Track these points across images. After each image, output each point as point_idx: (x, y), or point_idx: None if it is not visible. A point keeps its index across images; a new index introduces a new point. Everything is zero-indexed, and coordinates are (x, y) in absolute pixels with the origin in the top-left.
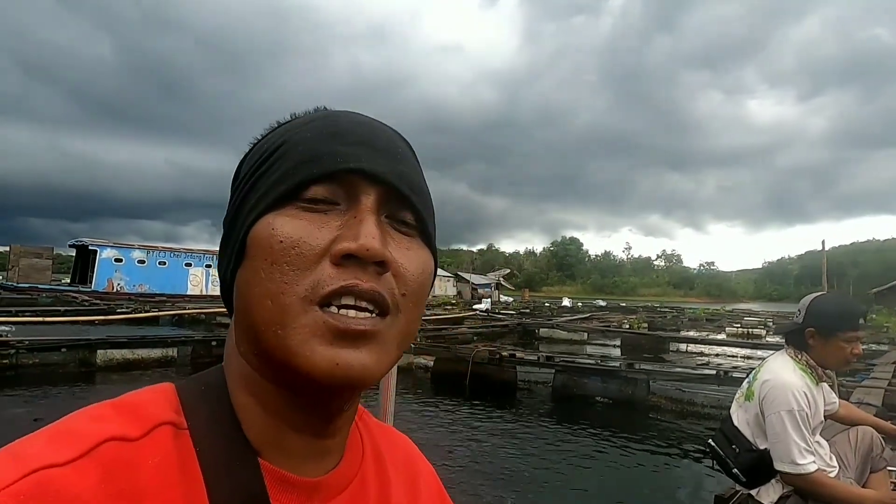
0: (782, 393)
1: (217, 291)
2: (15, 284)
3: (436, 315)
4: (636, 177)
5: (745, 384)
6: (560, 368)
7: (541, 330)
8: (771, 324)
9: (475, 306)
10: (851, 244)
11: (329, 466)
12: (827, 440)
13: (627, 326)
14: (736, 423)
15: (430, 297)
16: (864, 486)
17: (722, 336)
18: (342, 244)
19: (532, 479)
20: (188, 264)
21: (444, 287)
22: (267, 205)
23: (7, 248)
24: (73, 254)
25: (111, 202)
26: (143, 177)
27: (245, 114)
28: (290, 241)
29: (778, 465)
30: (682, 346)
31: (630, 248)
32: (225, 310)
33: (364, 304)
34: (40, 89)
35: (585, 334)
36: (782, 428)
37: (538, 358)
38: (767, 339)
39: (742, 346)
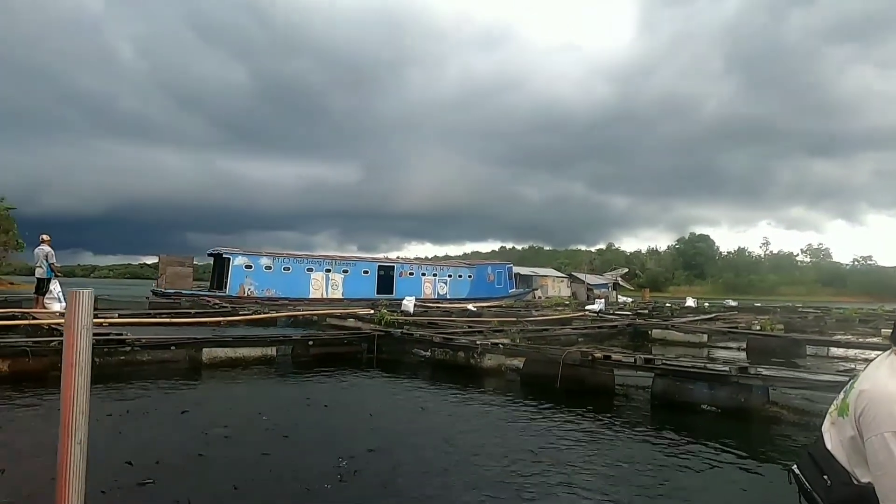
0: (886, 408)
1: (335, 295)
2: (163, 290)
3: (543, 316)
4: (774, 166)
5: (840, 394)
6: (660, 372)
7: (654, 331)
8: None
9: (587, 307)
10: None
11: None
12: None
13: (758, 328)
14: (829, 445)
15: (542, 298)
16: None
17: (877, 339)
18: None
19: (619, 493)
20: (309, 269)
21: (558, 288)
22: None
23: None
24: (212, 262)
25: (252, 215)
26: (278, 191)
27: (366, 127)
28: None
29: None
30: (823, 350)
31: (768, 242)
32: (335, 311)
33: None
34: (189, 118)
35: (705, 336)
36: (888, 455)
37: (635, 360)
38: None
39: None
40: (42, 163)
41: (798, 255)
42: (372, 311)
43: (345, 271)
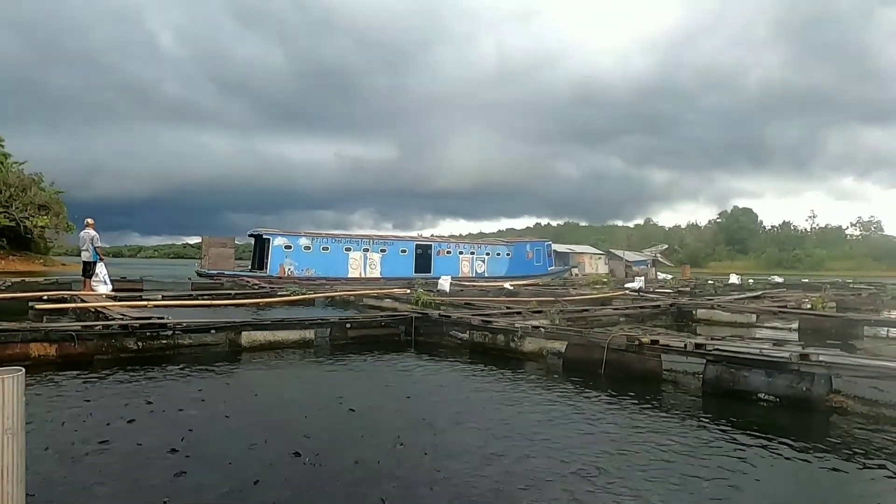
0: None
1: (373, 274)
2: (207, 271)
3: (581, 294)
4: (823, 135)
5: None
6: (713, 358)
7: (698, 311)
8: None
9: (626, 285)
10: None
11: None
12: None
13: (809, 306)
14: None
15: (580, 275)
16: None
17: None
18: None
19: (669, 487)
20: (348, 249)
21: (596, 265)
22: None
23: (200, 240)
24: (252, 242)
25: (292, 195)
26: (316, 170)
27: (401, 106)
28: None
29: None
30: (882, 332)
31: (815, 216)
32: (371, 292)
33: None
34: (230, 101)
35: (754, 316)
36: None
37: (685, 345)
38: None
39: None
40: (92, 148)
41: (847, 228)
42: (408, 291)
43: (382, 250)
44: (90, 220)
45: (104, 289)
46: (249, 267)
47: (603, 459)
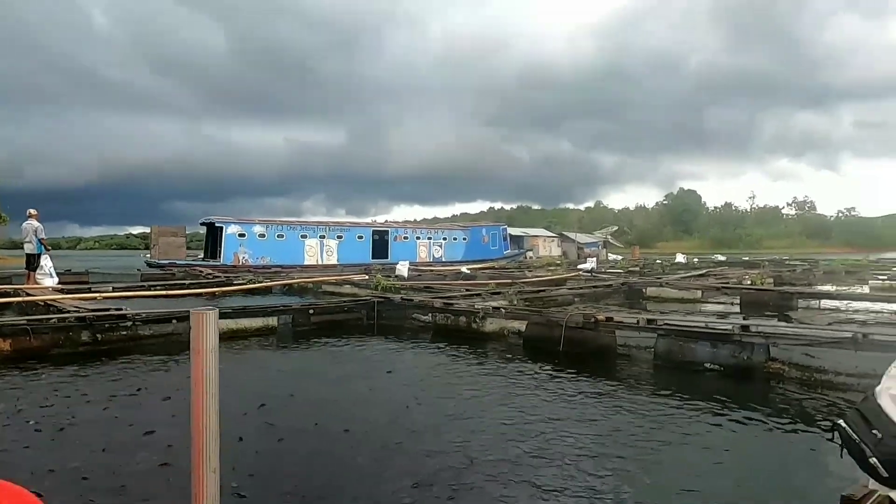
0: None
1: (330, 261)
2: (157, 261)
3: (537, 276)
4: (761, 119)
5: None
6: (663, 332)
7: (648, 289)
8: None
9: (579, 266)
10: None
11: None
12: None
13: (749, 282)
14: (882, 401)
15: (534, 258)
16: None
17: (864, 290)
18: None
19: (625, 455)
20: (303, 236)
21: (549, 248)
22: None
23: (149, 229)
24: (204, 231)
25: (242, 182)
26: (267, 157)
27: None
28: None
29: None
30: (814, 303)
31: (754, 196)
32: (330, 279)
33: None
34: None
35: (699, 293)
36: None
37: (637, 321)
38: None
39: (890, 301)
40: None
41: (784, 207)
42: (367, 277)
43: (339, 237)
44: (33, 211)
45: (50, 282)
46: (202, 256)
47: (562, 429)
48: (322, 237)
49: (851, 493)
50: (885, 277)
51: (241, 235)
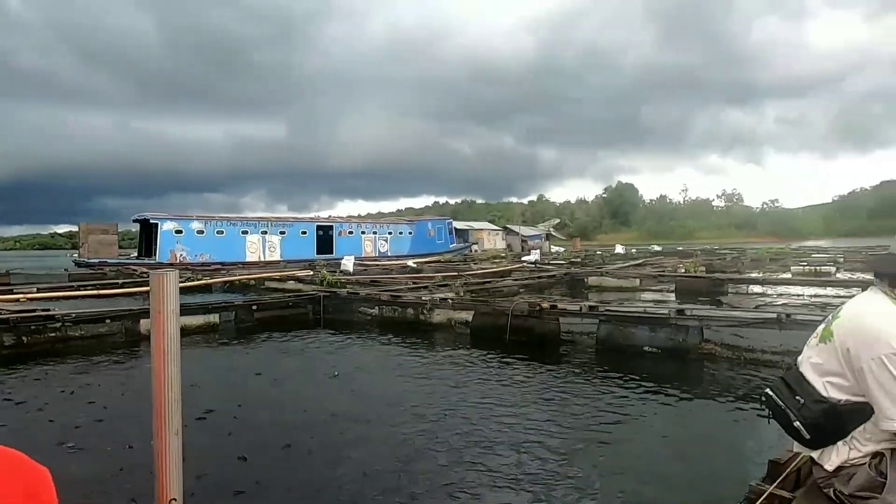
0: (881, 333)
1: (273, 257)
2: (87, 260)
3: (483, 269)
4: (693, 115)
5: (821, 326)
6: (604, 318)
7: (590, 279)
8: (841, 260)
9: (523, 258)
10: None
11: None
12: None
13: (683, 270)
14: (803, 370)
15: (478, 251)
16: None
17: (787, 275)
18: None
19: (572, 436)
20: (245, 232)
21: (494, 241)
22: None
23: (77, 228)
24: (138, 228)
25: (177, 178)
26: (203, 151)
27: (293, 83)
28: None
29: (885, 424)
30: (743, 289)
31: (687, 189)
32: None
33: None
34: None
35: (638, 281)
36: (887, 375)
37: (580, 308)
38: (837, 275)
39: (809, 285)
40: None
41: (714, 200)
42: (311, 273)
43: (282, 233)
44: None
45: None
46: (136, 254)
47: (509, 411)
48: (264, 233)
49: (778, 457)
50: (805, 264)
51: (178, 232)
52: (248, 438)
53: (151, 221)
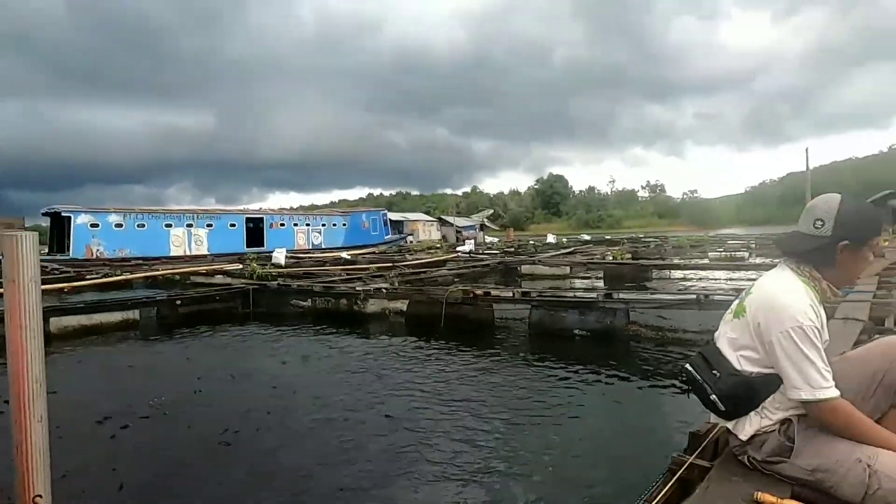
0: (788, 308)
1: (199, 251)
2: None
3: (417, 259)
4: (619, 110)
5: (735, 302)
6: (536, 304)
7: (523, 267)
8: (753, 245)
9: (458, 248)
10: (831, 163)
11: None
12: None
13: (611, 258)
14: (720, 345)
15: (413, 242)
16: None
17: (705, 261)
18: None
19: (501, 417)
20: (168, 225)
21: (429, 232)
22: None
23: None
24: (48, 222)
25: (93, 169)
26: (123, 141)
27: (218, 70)
28: None
29: (792, 393)
30: (666, 274)
31: (614, 181)
32: (200, 269)
33: None
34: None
35: (568, 269)
36: (793, 348)
37: (513, 294)
38: (751, 260)
39: (725, 269)
40: None
41: (639, 191)
42: (241, 266)
43: (209, 225)
44: None
45: None
46: (46, 250)
47: (443, 395)
48: (189, 226)
49: (697, 429)
50: (722, 250)
51: (94, 226)
52: (156, 438)
53: (63, 214)
